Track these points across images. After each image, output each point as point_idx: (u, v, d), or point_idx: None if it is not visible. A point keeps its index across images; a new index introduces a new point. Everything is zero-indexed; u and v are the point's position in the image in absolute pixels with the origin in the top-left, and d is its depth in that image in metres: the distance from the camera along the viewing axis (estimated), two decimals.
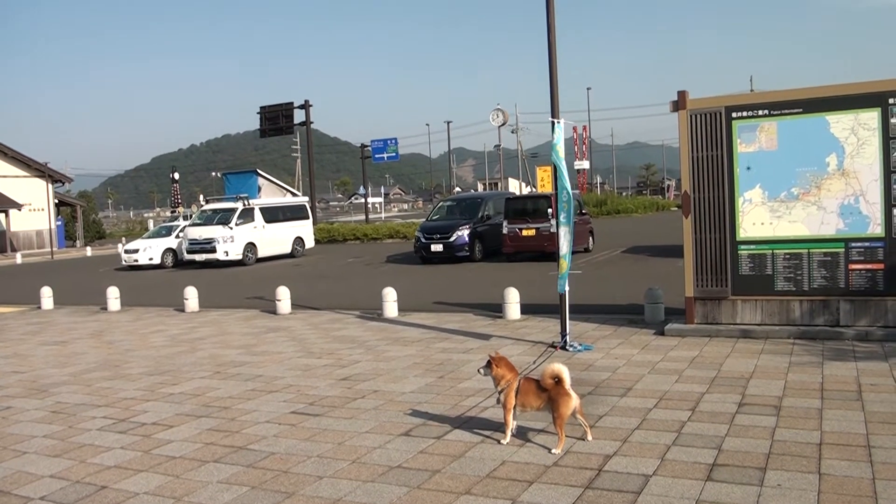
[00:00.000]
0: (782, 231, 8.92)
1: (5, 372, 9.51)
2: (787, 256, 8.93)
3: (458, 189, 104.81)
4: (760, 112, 8.95)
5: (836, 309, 8.82)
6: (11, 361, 10.26)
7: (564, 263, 9.02)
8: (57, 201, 49.67)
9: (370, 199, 66.08)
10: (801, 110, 8.78)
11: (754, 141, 8.97)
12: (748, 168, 9.01)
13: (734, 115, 9.05)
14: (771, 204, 8.95)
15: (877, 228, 8.55)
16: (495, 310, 12.10)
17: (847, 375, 7.03)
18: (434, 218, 24.87)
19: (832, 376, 7.03)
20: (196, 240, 26.95)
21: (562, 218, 9.00)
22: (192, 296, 14.85)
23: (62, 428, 6.70)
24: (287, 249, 28.97)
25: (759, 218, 9.01)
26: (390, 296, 12.57)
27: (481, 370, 5.80)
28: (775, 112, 8.88)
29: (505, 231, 21.71)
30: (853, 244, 8.65)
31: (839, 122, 8.61)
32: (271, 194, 31.82)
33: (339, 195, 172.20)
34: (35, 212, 46.48)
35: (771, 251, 8.99)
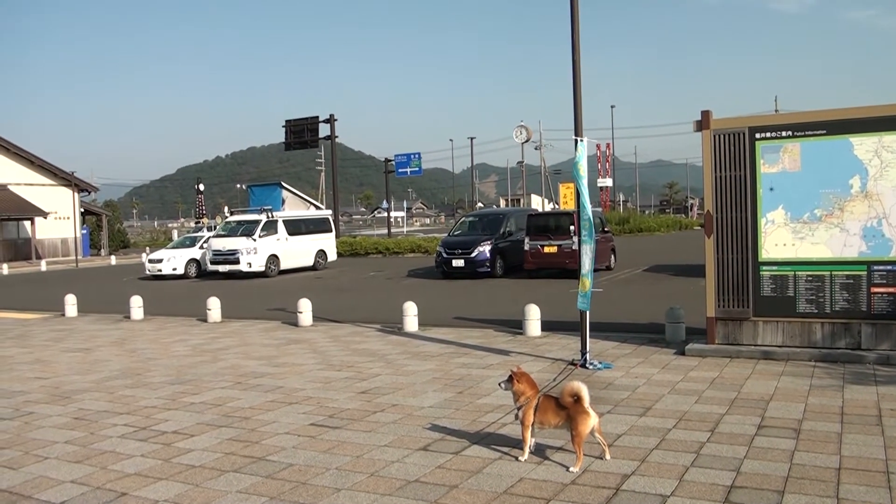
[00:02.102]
0: (804, 253, 8.88)
1: (28, 378, 9.64)
2: (810, 278, 8.87)
3: (480, 205, 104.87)
4: (784, 133, 8.93)
5: (858, 332, 8.75)
6: (35, 368, 10.40)
7: (587, 282, 9.03)
8: (83, 210, 50.29)
9: (393, 213, 66.31)
10: (824, 132, 8.74)
11: (778, 162, 8.95)
12: (771, 189, 8.98)
13: (758, 135, 9.03)
14: (793, 225, 8.91)
15: None
16: (516, 326, 12.11)
17: (867, 399, 6.98)
18: (456, 233, 24.89)
19: (852, 400, 6.98)
20: (220, 251, 27.16)
21: (584, 236, 9.03)
22: (214, 306, 14.98)
23: (84, 434, 6.79)
24: (310, 262, 29.12)
25: (781, 239, 8.97)
26: (411, 310, 12.62)
27: (502, 384, 5.82)
28: (799, 133, 8.86)
29: (526, 247, 21.69)
30: (875, 267, 8.59)
31: (863, 144, 8.57)
32: (295, 207, 32.07)
33: (363, 209, 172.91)
34: (61, 220, 47.09)
35: (793, 273, 8.94)
